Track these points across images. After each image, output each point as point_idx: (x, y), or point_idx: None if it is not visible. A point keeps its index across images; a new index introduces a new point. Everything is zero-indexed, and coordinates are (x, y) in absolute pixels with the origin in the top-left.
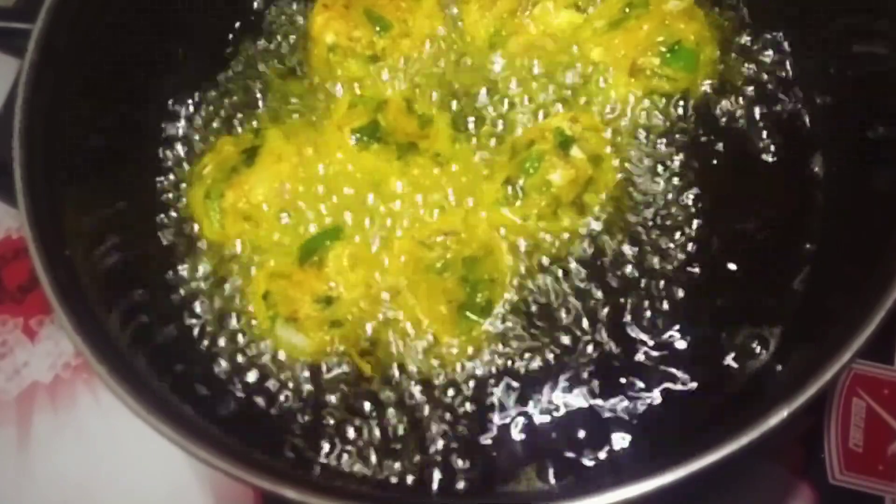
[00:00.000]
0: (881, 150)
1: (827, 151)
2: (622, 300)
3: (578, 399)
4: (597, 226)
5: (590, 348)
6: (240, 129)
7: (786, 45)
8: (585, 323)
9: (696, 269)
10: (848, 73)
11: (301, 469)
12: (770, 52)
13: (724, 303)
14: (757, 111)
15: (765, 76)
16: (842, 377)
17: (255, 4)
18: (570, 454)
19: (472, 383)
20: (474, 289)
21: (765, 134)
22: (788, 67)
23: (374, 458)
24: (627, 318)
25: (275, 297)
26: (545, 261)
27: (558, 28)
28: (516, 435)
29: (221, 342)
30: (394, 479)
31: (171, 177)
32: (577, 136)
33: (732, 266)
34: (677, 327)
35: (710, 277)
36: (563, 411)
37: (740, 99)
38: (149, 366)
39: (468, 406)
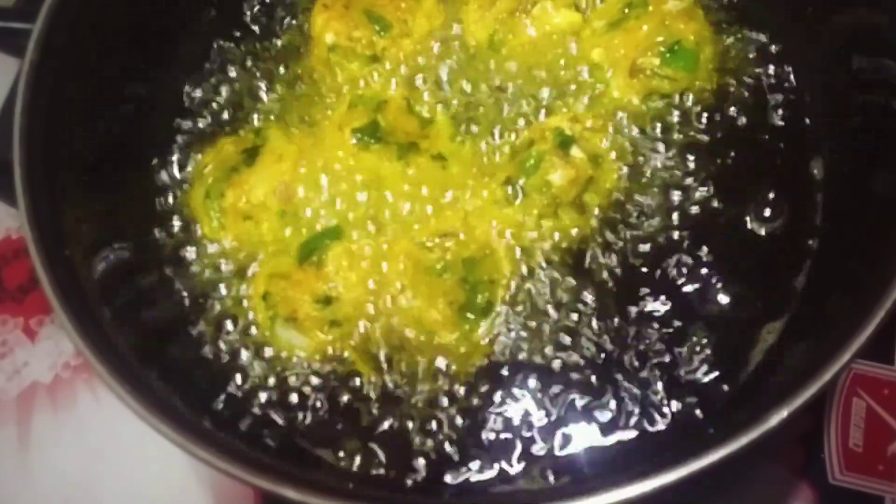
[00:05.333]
0: (880, 152)
1: (827, 154)
2: (622, 300)
3: (578, 398)
4: (597, 225)
5: (589, 348)
6: (240, 129)
7: (786, 46)
8: (585, 322)
9: (696, 269)
10: (848, 75)
11: (301, 469)
12: (770, 53)
13: (723, 302)
14: (756, 112)
15: (764, 77)
16: (842, 377)
17: (255, 5)
18: (569, 453)
19: (471, 383)
20: (474, 290)
21: (764, 135)
22: (788, 68)
23: (373, 458)
24: (627, 317)
25: (274, 297)
26: (545, 261)
27: (558, 28)
28: (516, 434)
29: (221, 342)
30: (393, 477)
31: (172, 176)
32: (577, 136)
33: (732, 265)
34: (677, 326)
35: (711, 277)
36: (562, 411)
37: (740, 99)
38: (148, 366)
39: (467, 406)
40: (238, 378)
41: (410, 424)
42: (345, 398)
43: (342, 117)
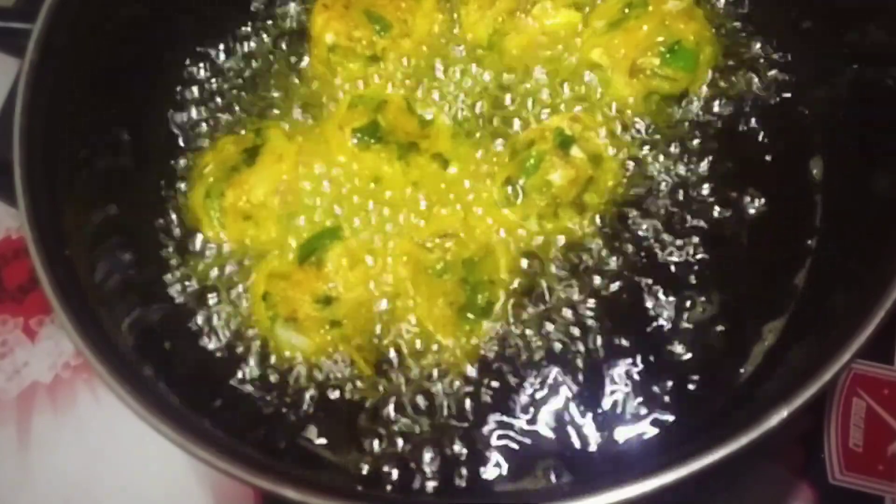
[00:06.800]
0: (880, 153)
1: (827, 154)
2: (622, 300)
3: (578, 398)
4: (597, 226)
5: (590, 347)
6: (241, 129)
7: (785, 46)
8: (585, 322)
9: (696, 269)
10: (848, 76)
11: (301, 469)
12: (770, 54)
13: (724, 301)
14: (756, 112)
15: (764, 77)
16: (842, 377)
17: (255, 5)
18: (569, 453)
19: (472, 383)
20: (474, 290)
21: (764, 135)
22: (788, 69)
23: (373, 457)
24: (627, 317)
25: (274, 297)
26: (545, 261)
27: (557, 28)
28: (515, 434)
29: (221, 342)
30: (394, 478)
31: (172, 176)
32: (577, 136)
33: (733, 265)
34: (678, 326)
35: (710, 277)
36: (563, 411)
37: (740, 100)
38: (148, 365)
39: (468, 406)
40: (238, 378)
41: (411, 424)
42: (345, 398)
43: (342, 117)
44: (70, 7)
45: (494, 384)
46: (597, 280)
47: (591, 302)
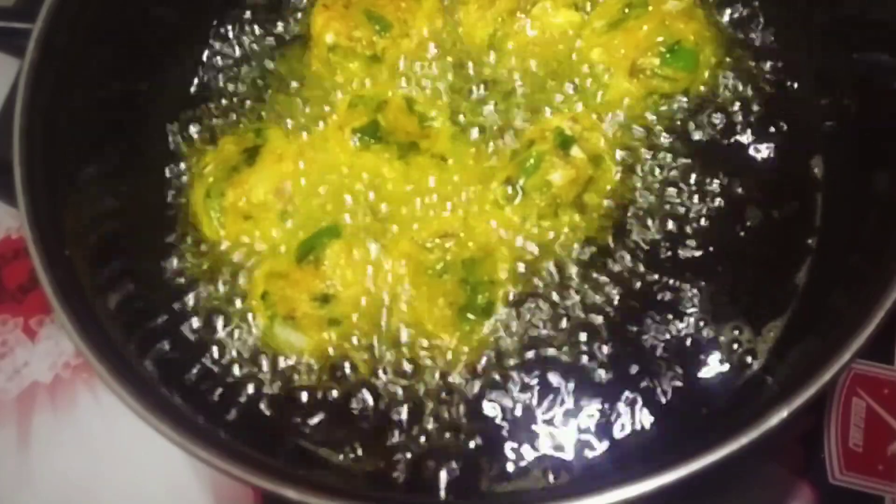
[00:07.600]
0: (881, 152)
1: (827, 153)
2: (622, 300)
3: (578, 399)
4: (596, 226)
5: (589, 347)
6: (241, 129)
7: (786, 45)
8: (584, 323)
9: (696, 268)
10: (848, 73)
11: (301, 469)
12: (770, 52)
13: (724, 301)
14: (756, 112)
15: (765, 77)
16: (842, 377)
17: (256, 5)
18: (569, 454)
19: (471, 383)
20: (475, 290)
21: (764, 134)
22: (788, 66)
23: (373, 457)
24: (626, 317)
25: (273, 296)
26: (545, 262)
27: (557, 28)
28: (515, 433)
29: (221, 341)
30: (393, 477)
31: (172, 176)
32: (577, 136)
33: (732, 265)
34: (677, 325)
35: (710, 276)
36: (562, 411)
37: (740, 99)
38: (148, 365)
39: (467, 406)
40: (237, 377)
41: (410, 423)
42: (344, 397)
43: (342, 117)
44: (70, 7)
45: (493, 383)
46: (597, 280)
47: (590, 302)
